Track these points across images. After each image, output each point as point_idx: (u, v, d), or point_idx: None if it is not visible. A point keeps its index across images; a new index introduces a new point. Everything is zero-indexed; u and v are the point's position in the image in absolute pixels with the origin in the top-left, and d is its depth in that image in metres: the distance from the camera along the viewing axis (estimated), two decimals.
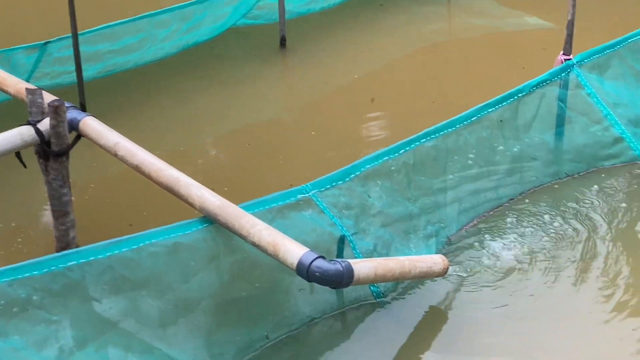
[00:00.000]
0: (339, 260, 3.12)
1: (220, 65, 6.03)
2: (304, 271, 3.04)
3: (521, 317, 3.66)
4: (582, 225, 4.15)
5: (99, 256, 3.08)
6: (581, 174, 4.57)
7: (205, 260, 3.29)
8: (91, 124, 3.69)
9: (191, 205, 3.35)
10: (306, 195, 3.64)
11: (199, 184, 3.40)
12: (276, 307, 3.50)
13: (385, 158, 3.93)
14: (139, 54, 5.77)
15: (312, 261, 3.03)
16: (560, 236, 4.10)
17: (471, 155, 4.33)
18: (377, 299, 3.74)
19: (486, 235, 4.14)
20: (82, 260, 3.05)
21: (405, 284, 3.83)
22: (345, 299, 3.69)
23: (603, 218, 4.20)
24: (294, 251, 3.08)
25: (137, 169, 3.52)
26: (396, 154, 3.97)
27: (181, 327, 3.24)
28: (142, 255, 3.17)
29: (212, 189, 3.42)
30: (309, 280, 3.08)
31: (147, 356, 3.14)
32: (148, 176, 3.48)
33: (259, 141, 5.17)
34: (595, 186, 4.46)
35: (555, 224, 4.19)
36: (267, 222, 3.32)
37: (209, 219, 3.31)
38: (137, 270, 3.17)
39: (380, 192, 3.92)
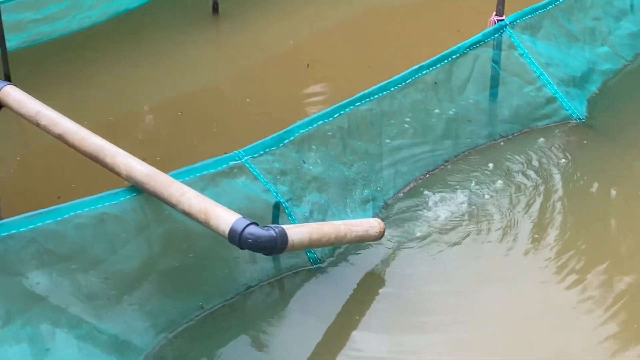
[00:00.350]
0: (272, 226, 3.07)
1: (150, 32, 5.85)
2: (236, 238, 2.97)
3: (458, 279, 3.67)
4: (518, 186, 4.17)
5: (22, 229, 2.97)
6: (515, 134, 4.58)
7: (134, 231, 3.20)
8: (11, 93, 3.53)
9: (118, 174, 3.24)
10: (239, 161, 3.56)
11: (126, 153, 3.29)
12: (210, 276, 3.43)
13: (319, 122, 3.88)
14: (64, 23, 5.57)
15: (245, 228, 2.97)
16: (497, 197, 4.11)
17: (407, 119, 4.30)
18: (314, 265, 3.70)
19: (423, 198, 4.13)
20: (3, 234, 2.93)
21: (342, 249, 3.80)
22: (282, 266, 3.65)
23: (540, 178, 4.23)
24: (225, 218, 3.01)
25: (61, 138, 3.39)
26: (330, 118, 3.92)
27: (111, 300, 3.15)
28: (67, 227, 3.06)
29: (144, 159, 3.33)
30: (241, 248, 3.01)
31: (76, 331, 3.06)
32: (72, 145, 3.36)
33: (192, 109, 5.06)
34: (530, 146, 4.48)
35: (491, 185, 4.20)
36: (199, 190, 3.25)
37: (137, 188, 3.21)
38: (62, 243, 3.06)
39: (316, 157, 3.87)
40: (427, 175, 4.28)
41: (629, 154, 4.48)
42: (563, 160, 4.36)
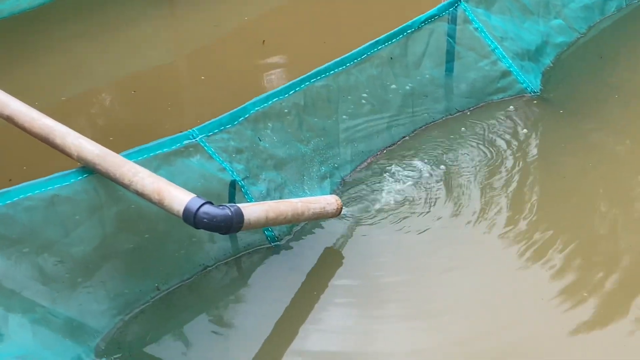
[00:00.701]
0: (227, 205, 3.03)
1: (102, 8, 5.71)
2: (191, 218, 2.93)
3: (418, 254, 3.68)
4: (477, 161, 4.19)
5: None
6: (471, 109, 4.59)
7: (86, 213, 3.14)
8: None
9: (69, 155, 3.17)
10: (193, 140, 3.51)
11: (77, 133, 3.21)
12: (166, 257, 3.39)
13: (274, 99, 3.83)
14: (13, 2, 5.43)
15: (200, 207, 2.93)
16: (455, 171, 4.12)
17: (364, 95, 4.28)
18: (272, 244, 3.69)
19: (380, 175, 4.12)
20: None
21: (300, 227, 3.79)
22: (239, 245, 3.62)
23: (498, 153, 4.24)
24: (179, 198, 2.97)
25: (10, 119, 3.31)
26: (286, 95, 3.88)
27: (65, 283, 3.10)
28: (17, 210, 2.99)
29: (96, 139, 3.25)
30: (197, 227, 2.97)
31: (31, 315, 3.00)
32: (22, 127, 3.28)
33: (146, 88, 4.97)
34: (486, 120, 4.49)
35: (450, 159, 4.21)
36: (153, 170, 3.20)
37: (89, 169, 3.15)
38: (14, 226, 2.99)
39: (272, 134, 3.84)
40: (385, 151, 4.27)
41: (584, 125, 4.51)
42: (520, 133, 4.38)
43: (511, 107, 4.59)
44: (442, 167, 4.15)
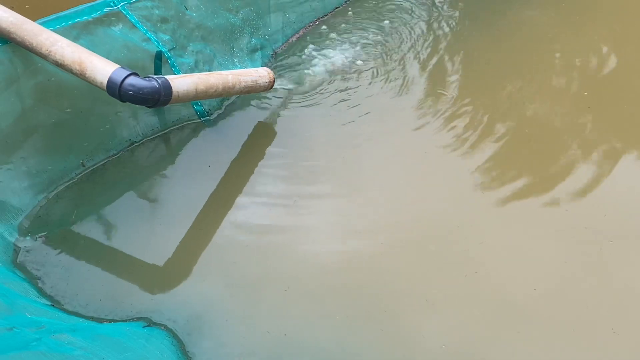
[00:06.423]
0: (154, 76, 2.88)
1: None
2: (115, 90, 2.77)
3: (348, 128, 3.61)
4: (408, 32, 4.09)
5: None
6: None
7: (2, 85, 2.93)
8: None
9: None
10: (114, 8, 3.29)
11: None
12: (91, 132, 3.23)
13: None
14: None
15: (125, 78, 2.77)
16: (388, 43, 4.02)
17: None
18: (202, 119, 3.56)
19: (313, 47, 3.99)
20: None
21: (231, 101, 3.66)
22: (167, 120, 3.49)
23: (426, 23, 4.15)
24: (103, 69, 2.79)
25: None
26: None
27: None
28: None
29: (11, 7, 3.01)
30: (122, 100, 2.82)
31: None
32: None
33: None
34: None
35: (383, 32, 4.10)
36: (72, 39, 3.00)
37: (3, 38, 2.92)
38: None
39: (199, 3, 3.64)
40: (317, 22, 4.13)
41: None
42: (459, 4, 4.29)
43: None
44: (376, 41, 4.04)
